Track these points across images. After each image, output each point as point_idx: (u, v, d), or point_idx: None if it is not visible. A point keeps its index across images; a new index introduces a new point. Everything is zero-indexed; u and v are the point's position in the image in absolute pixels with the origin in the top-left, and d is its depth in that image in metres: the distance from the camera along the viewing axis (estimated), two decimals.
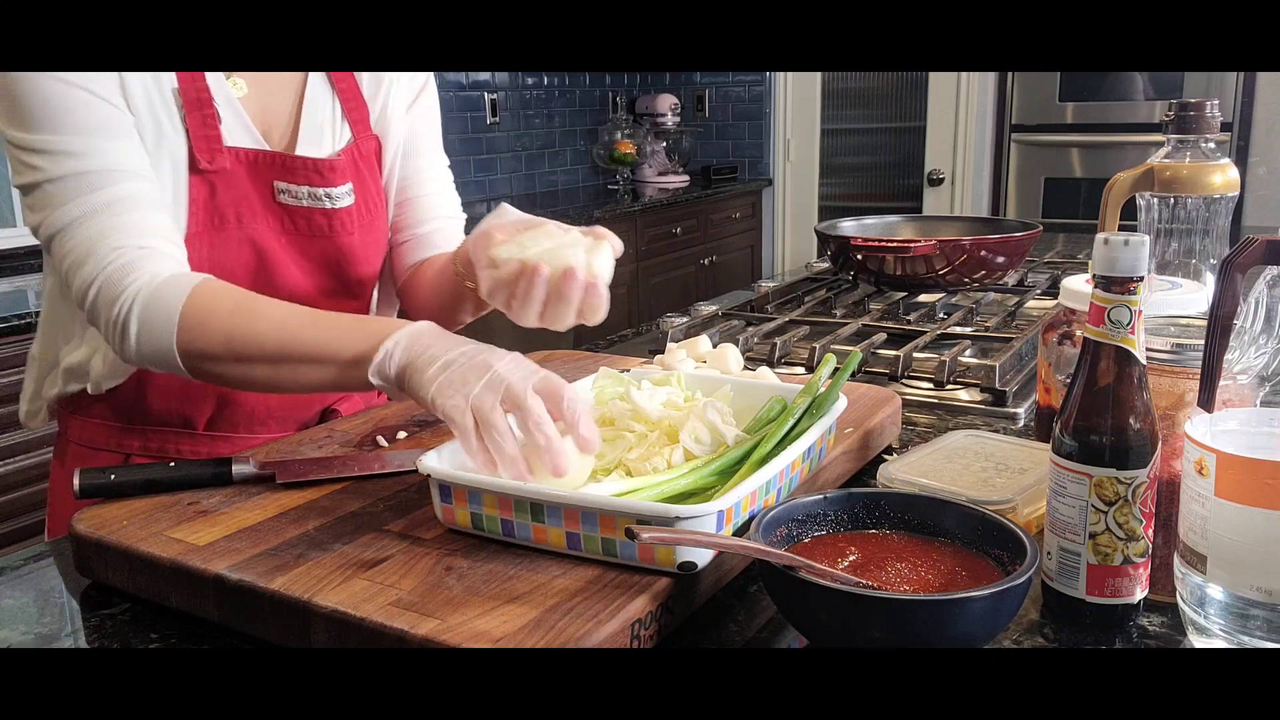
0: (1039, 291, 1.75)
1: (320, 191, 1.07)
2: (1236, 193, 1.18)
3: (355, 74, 1.13)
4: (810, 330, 1.53)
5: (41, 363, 1.15)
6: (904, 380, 1.30)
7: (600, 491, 0.74)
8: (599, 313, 0.86)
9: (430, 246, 1.18)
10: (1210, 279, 1.12)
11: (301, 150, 1.08)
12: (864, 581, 0.67)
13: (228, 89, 1.03)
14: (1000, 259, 1.63)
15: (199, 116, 1.00)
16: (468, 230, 1.04)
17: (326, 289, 1.11)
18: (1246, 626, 0.65)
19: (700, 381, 0.98)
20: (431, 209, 1.19)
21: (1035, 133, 4.20)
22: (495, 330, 3.46)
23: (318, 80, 1.11)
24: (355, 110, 1.13)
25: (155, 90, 0.98)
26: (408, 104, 1.18)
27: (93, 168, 0.93)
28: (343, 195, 1.09)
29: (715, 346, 1.18)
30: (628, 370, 1.00)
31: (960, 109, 4.33)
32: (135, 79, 0.97)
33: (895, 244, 1.64)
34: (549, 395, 0.77)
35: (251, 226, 1.04)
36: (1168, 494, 0.72)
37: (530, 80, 4.43)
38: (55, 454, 1.18)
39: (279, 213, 1.06)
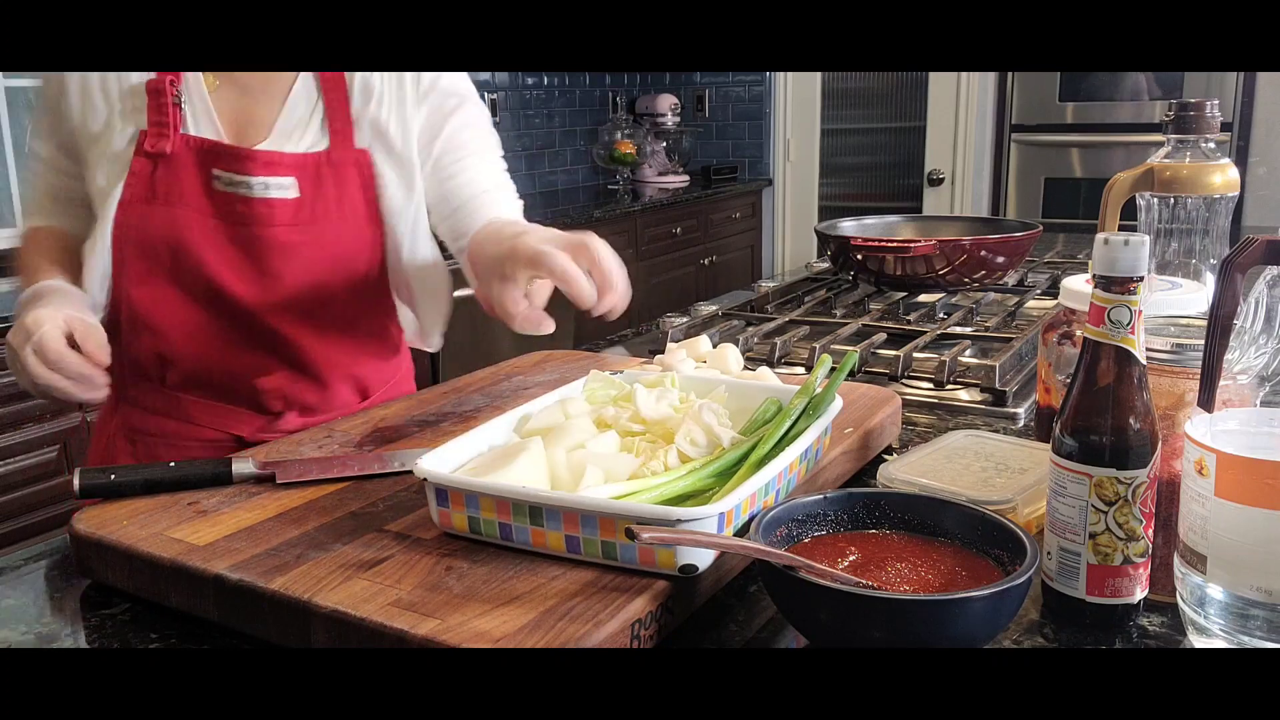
0: (1039, 291, 1.75)
1: (254, 180, 1.10)
2: (1236, 193, 1.18)
3: (347, 87, 1.14)
4: (810, 330, 1.53)
5: None
6: (904, 380, 1.31)
7: (599, 494, 0.74)
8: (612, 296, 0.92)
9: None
10: (1210, 279, 1.12)
11: (271, 144, 1.13)
12: (864, 581, 0.67)
13: (202, 85, 1.12)
14: (1000, 259, 1.63)
15: (155, 104, 1.10)
16: None
17: (250, 280, 1.13)
18: (1246, 626, 0.65)
19: (695, 383, 0.98)
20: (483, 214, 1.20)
21: (1035, 133, 4.20)
22: (496, 331, 3.45)
23: (304, 88, 1.14)
24: (338, 121, 1.14)
25: (114, 86, 1.12)
26: (415, 120, 1.17)
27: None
28: (279, 187, 1.11)
29: (715, 346, 1.17)
30: (620, 371, 0.99)
31: (960, 109, 4.33)
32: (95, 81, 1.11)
33: (895, 244, 1.64)
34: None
35: (179, 208, 1.11)
36: (1168, 494, 0.72)
37: (530, 80, 4.43)
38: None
39: (213, 198, 1.11)
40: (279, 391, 1.18)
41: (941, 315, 1.62)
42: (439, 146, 1.18)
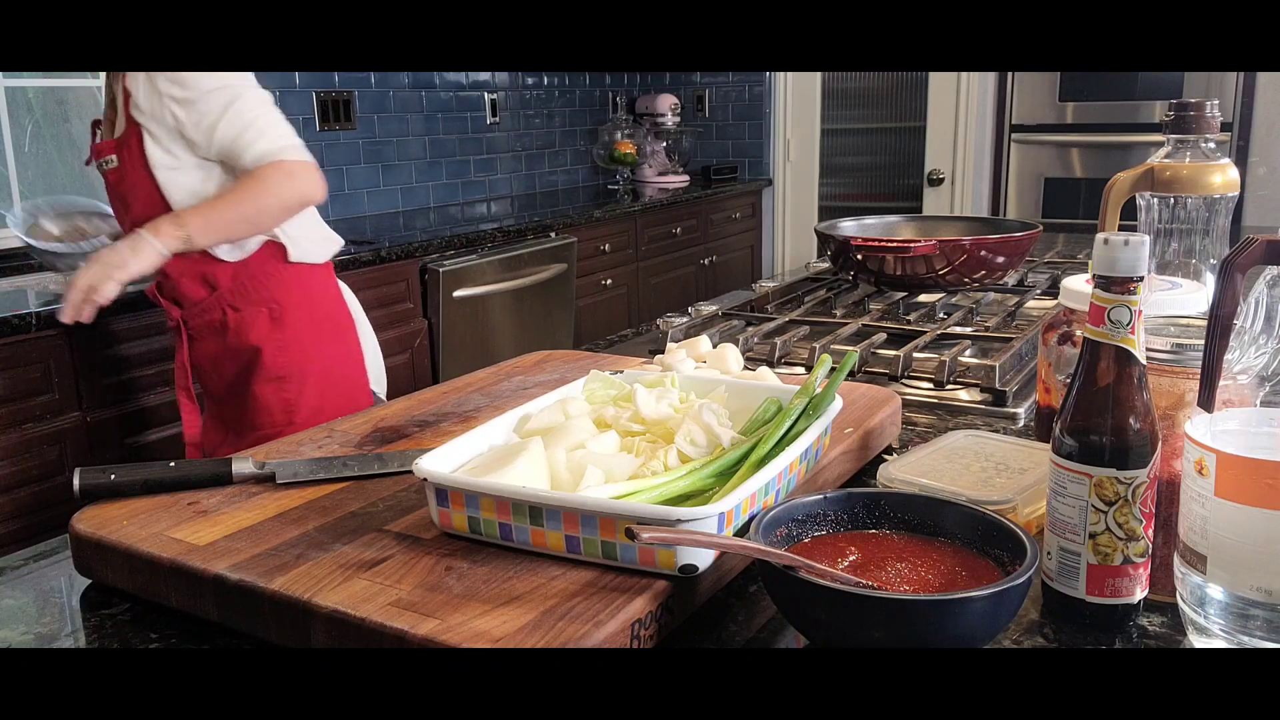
0: (1039, 291, 1.75)
1: (98, 161, 1.84)
2: (1236, 193, 1.18)
3: (130, 89, 1.74)
4: (810, 330, 1.53)
5: None
6: (904, 380, 1.31)
7: (599, 494, 0.74)
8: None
9: None
10: (1210, 279, 1.12)
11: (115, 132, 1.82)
12: (864, 581, 0.67)
13: (118, 99, 1.81)
14: (1000, 259, 1.63)
15: (104, 124, 1.87)
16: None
17: (121, 217, 1.89)
18: (1246, 626, 0.65)
19: (695, 383, 0.98)
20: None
21: (1035, 133, 4.20)
22: (496, 330, 3.45)
23: (120, 87, 1.76)
24: (128, 103, 1.74)
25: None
26: (152, 106, 1.75)
27: None
28: (109, 161, 1.82)
29: (715, 346, 1.17)
30: (620, 371, 0.99)
31: (960, 109, 4.33)
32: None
33: (895, 244, 1.64)
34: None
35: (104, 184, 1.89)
36: (1168, 494, 0.73)
37: (530, 80, 4.43)
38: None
39: (103, 174, 1.86)
40: (153, 293, 1.91)
41: (941, 315, 1.62)
42: (189, 122, 1.75)
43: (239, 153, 1.73)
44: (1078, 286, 0.90)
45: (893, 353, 1.34)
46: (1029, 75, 4.15)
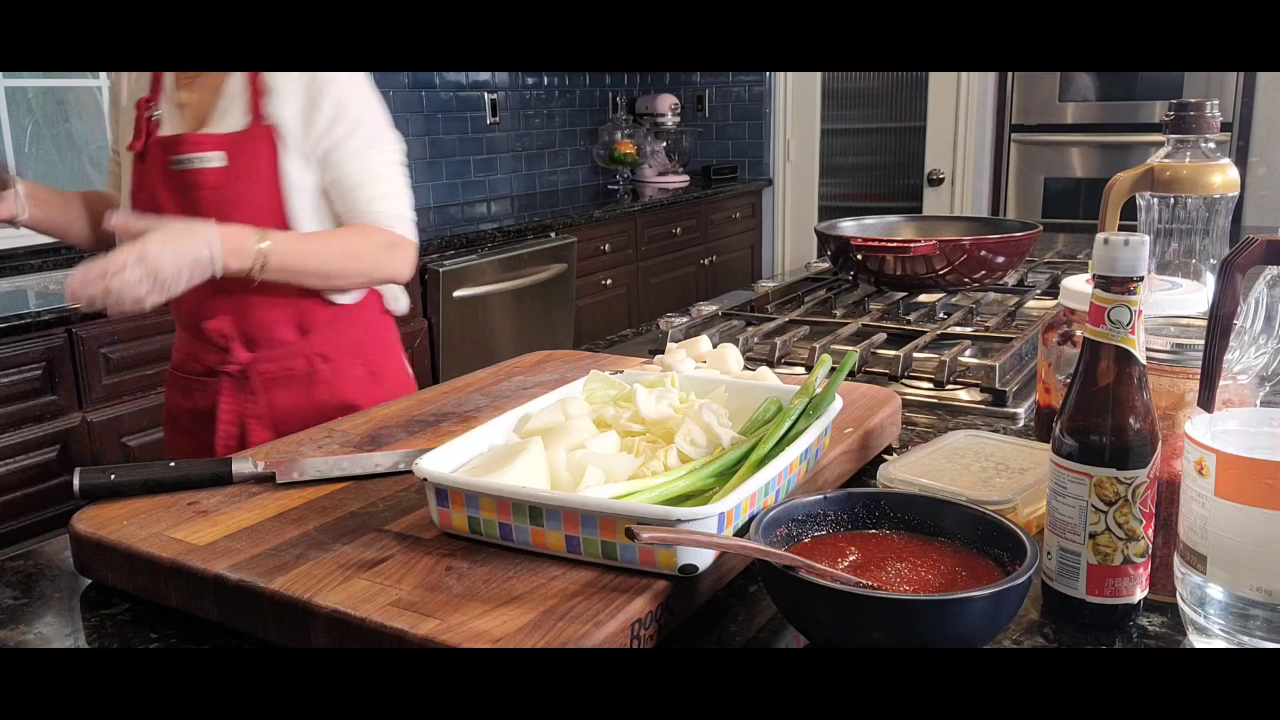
0: (1039, 291, 1.75)
1: (189, 156, 1.43)
2: (1236, 193, 1.18)
3: (260, 83, 1.43)
4: (810, 330, 1.53)
5: None
6: (904, 380, 1.30)
7: (599, 494, 0.74)
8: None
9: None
10: (1210, 279, 1.12)
11: (208, 127, 1.44)
12: (864, 581, 0.67)
13: (172, 92, 1.47)
14: (1000, 259, 1.63)
15: (142, 118, 1.47)
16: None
17: None
18: (1246, 626, 0.65)
19: (695, 383, 0.98)
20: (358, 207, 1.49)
21: (1035, 133, 4.20)
22: (496, 330, 3.45)
23: (235, 83, 1.43)
24: (255, 99, 1.43)
25: (130, 99, 1.51)
26: (300, 116, 1.43)
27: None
28: (209, 159, 1.43)
29: (715, 346, 1.17)
30: (620, 371, 0.99)
31: (960, 109, 4.33)
32: (124, 92, 1.52)
33: (895, 244, 1.64)
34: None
35: (154, 189, 1.45)
36: (1168, 494, 0.72)
37: (530, 80, 4.43)
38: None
39: (170, 177, 1.44)
40: (220, 330, 1.48)
41: (941, 315, 1.62)
42: (324, 145, 1.44)
43: (356, 200, 1.45)
44: (1078, 286, 0.90)
45: (893, 353, 1.34)
46: (1029, 75, 4.15)
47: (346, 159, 1.45)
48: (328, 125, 1.43)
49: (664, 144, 4.77)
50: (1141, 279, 0.67)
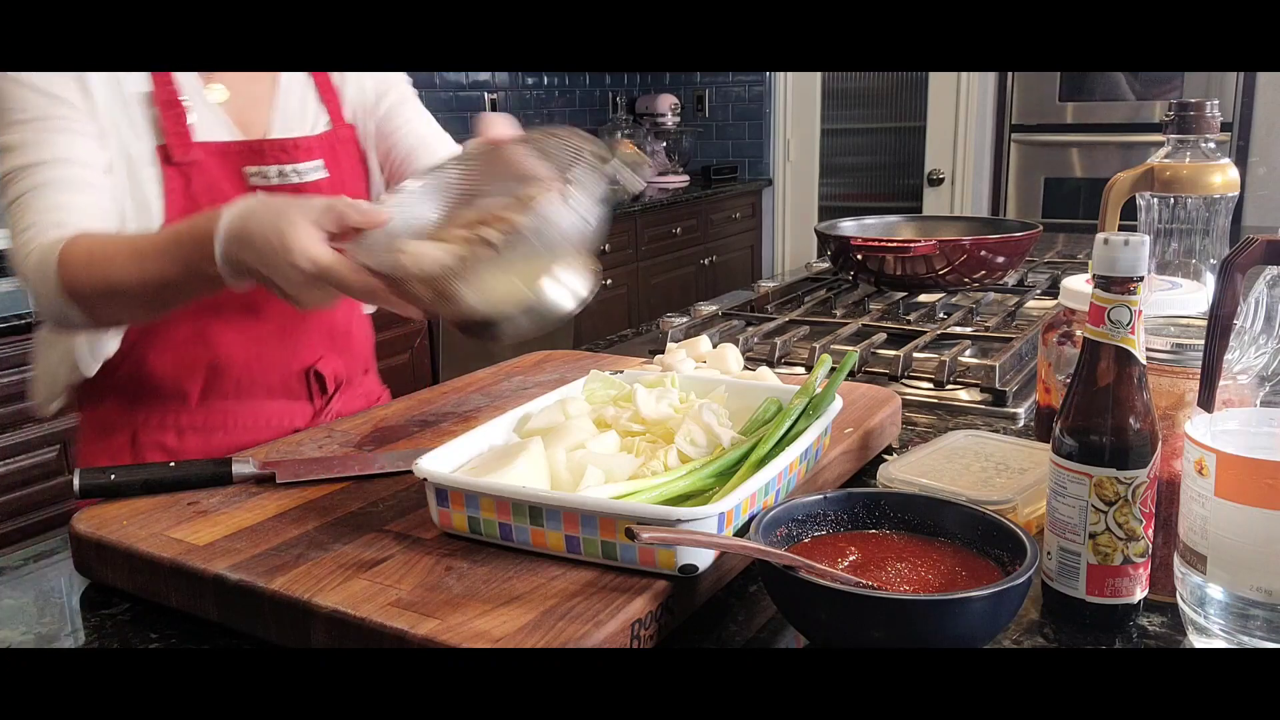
0: (1039, 291, 1.75)
1: (289, 168, 1.15)
2: (1236, 193, 1.18)
3: None
4: (810, 330, 1.53)
5: (47, 346, 1.20)
6: (904, 380, 1.30)
7: (599, 494, 0.74)
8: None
9: None
10: (1210, 279, 1.12)
11: (274, 130, 1.16)
12: (864, 581, 0.67)
13: (204, 93, 1.12)
14: (1000, 259, 1.63)
15: (171, 115, 1.09)
16: None
17: None
18: (1246, 626, 0.65)
19: (695, 383, 0.98)
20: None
21: (1035, 133, 4.20)
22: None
23: (298, 75, 1.19)
24: (329, 98, 1.21)
25: (116, 94, 1.07)
26: (374, 101, 1.24)
27: (31, 160, 1.03)
28: (311, 170, 1.17)
29: (715, 346, 1.17)
30: (620, 371, 0.99)
31: (960, 109, 4.33)
32: (98, 85, 1.06)
33: (895, 244, 1.64)
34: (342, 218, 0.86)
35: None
36: (1168, 494, 0.72)
37: (530, 80, 4.43)
38: (77, 444, 1.23)
39: (248, 193, 1.07)
40: (333, 371, 1.22)
41: (941, 315, 1.62)
42: (382, 108, 1.25)
43: (424, 160, 1.28)
44: (1078, 286, 0.90)
45: (893, 353, 1.34)
46: (1029, 75, 4.15)
47: (401, 126, 1.26)
48: (377, 99, 1.26)
49: (664, 144, 4.77)
50: (1141, 279, 0.67)
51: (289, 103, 1.18)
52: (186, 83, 1.12)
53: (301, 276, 0.83)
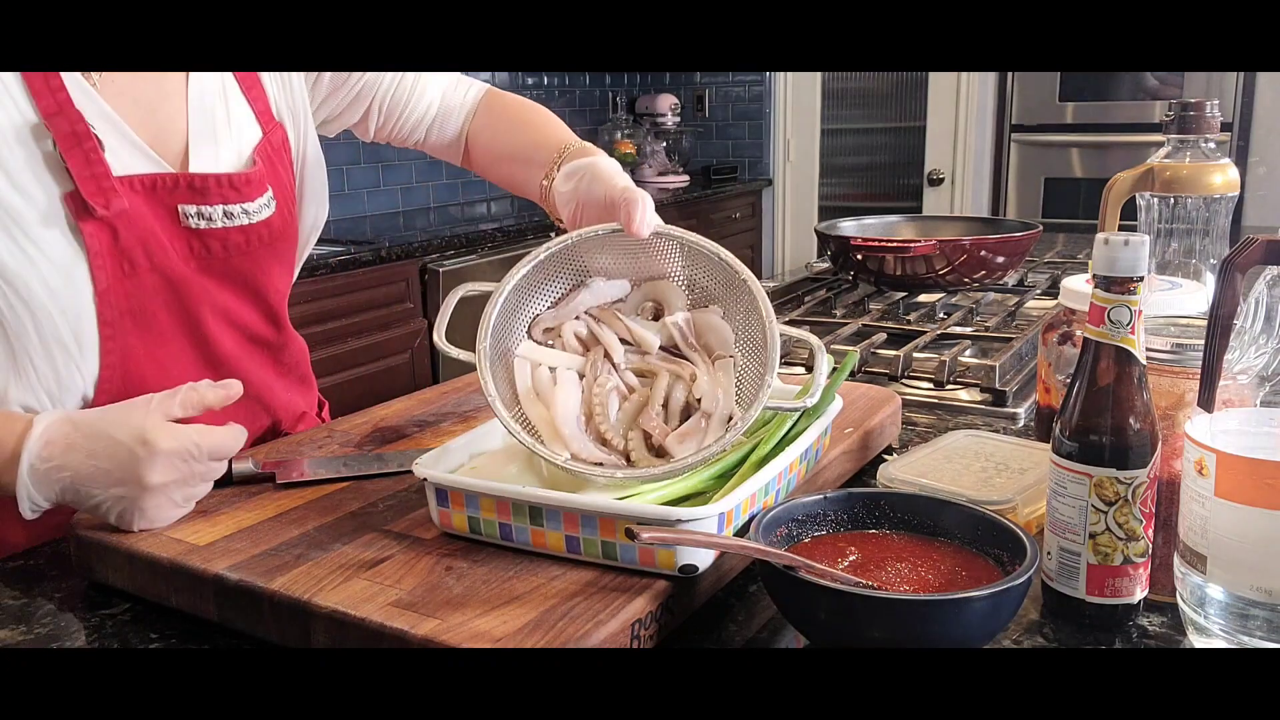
0: (1039, 291, 1.75)
1: (236, 209, 0.96)
2: (1236, 193, 1.18)
3: None
4: (810, 330, 1.53)
5: None
6: (904, 380, 1.31)
7: (599, 495, 0.74)
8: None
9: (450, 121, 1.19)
10: (1210, 279, 1.12)
11: (196, 153, 0.95)
12: (864, 581, 0.67)
13: (103, 106, 0.89)
14: (1000, 259, 1.63)
15: (80, 154, 0.85)
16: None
17: (246, 316, 1.02)
18: (1246, 626, 0.65)
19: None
20: (425, 105, 1.18)
21: (1035, 133, 4.19)
22: None
23: (202, 75, 0.98)
24: (257, 98, 1.02)
25: (12, 142, 0.83)
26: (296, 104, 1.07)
27: None
28: (262, 208, 0.98)
29: None
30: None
31: (960, 109, 4.33)
32: None
33: (895, 244, 1.64)
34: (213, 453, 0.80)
35: (163, 261, 0.92)
36: (1168, 494, 0.73)
37: (530, 80, 4.43)
38: None
39: (186, 238, 0.94)
40: (292, 406, 1.12)
41: (941, 315, 1.62)
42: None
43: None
44: (1078, 286, 0.90)
45: (893, 353, 1.34)
46: (1029, 75, 4.14)
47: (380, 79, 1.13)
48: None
49: (664, 144, 4.77)
50: (1141, 279, 0.67)
51: (205, 114, 0.96)
52: (81, 99, 0.87)
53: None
